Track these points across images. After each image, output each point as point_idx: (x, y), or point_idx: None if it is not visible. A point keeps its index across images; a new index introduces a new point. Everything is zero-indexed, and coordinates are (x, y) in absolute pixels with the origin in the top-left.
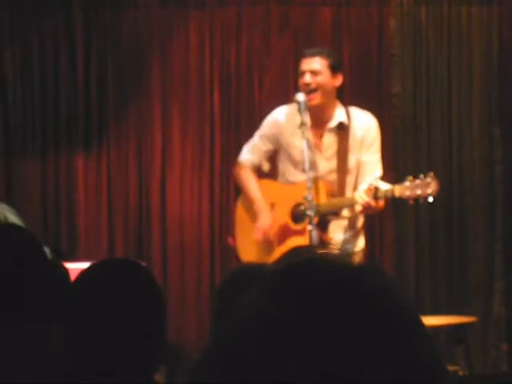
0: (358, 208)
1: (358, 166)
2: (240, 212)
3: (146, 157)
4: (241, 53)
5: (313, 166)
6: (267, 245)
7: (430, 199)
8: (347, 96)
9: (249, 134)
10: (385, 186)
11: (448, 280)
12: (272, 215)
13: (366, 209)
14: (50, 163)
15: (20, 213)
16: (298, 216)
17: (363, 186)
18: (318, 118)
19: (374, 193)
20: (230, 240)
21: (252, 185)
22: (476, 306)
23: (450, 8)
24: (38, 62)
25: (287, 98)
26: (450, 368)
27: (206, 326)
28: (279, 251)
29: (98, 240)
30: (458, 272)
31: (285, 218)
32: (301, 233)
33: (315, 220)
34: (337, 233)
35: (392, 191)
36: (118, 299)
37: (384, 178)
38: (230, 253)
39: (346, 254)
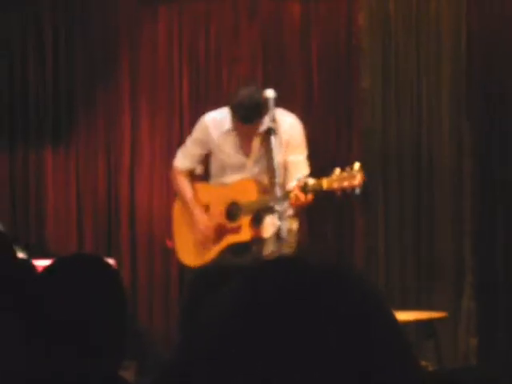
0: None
1: (285, 167)
2: (176, 214)
3: (114, 151)
4: (210, 45)
5: (242, 169)
6: (204, 245)
7: (357, 191)
8: (316, 90)
9: None
10: (312, 181)
11: (417, 274)
12: (207, 216)
13: (296, 201)
14: (19, 157)
15: None
16: (232, 214)
17: (293, 183)
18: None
19: (303, 187)
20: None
21: (187, 189)
22: (446, 300)
23: (418, 1)
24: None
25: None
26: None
27: (175, 320)
28: (216, 250)
29: (67, 235)
30: (427, 266)
31: (220, 217)
32: (236, 230)
33: (249, 217)
34: (269, 230)
35: (320, 184)
36: (79, 294)
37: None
38: None
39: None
